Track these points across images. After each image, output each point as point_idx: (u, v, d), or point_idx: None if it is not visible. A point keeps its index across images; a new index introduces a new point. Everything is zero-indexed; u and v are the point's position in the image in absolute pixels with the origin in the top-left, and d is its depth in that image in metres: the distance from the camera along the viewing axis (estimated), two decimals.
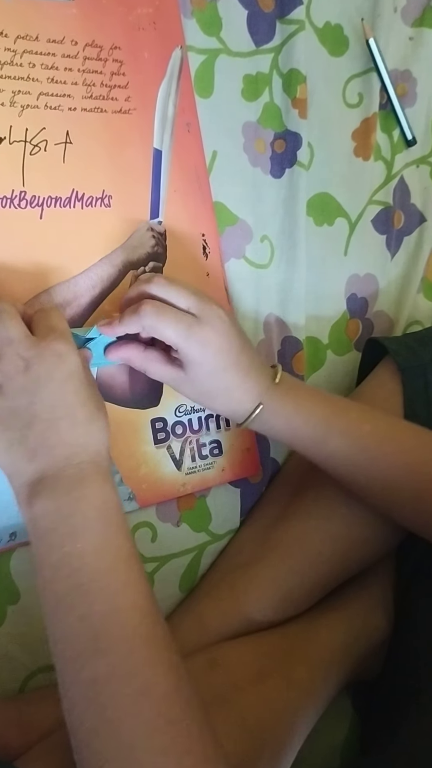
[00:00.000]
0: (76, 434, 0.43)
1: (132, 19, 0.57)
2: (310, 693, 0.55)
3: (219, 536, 0.64)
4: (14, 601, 0.55)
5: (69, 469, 0.43)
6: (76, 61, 0.54)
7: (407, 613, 0.63)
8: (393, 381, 0.61)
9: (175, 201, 0.59)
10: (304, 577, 0.60)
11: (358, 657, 0.60)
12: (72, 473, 0.43)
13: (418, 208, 0.76)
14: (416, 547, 0.61)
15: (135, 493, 0.58)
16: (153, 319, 0.48)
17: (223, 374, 0.51)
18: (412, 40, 0.73)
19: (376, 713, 0.65)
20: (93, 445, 0.44)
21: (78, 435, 0.44)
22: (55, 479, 0.42)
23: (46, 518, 0.42)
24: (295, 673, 0.55)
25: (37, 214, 0.53)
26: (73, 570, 0.41)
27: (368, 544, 0.61)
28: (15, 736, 0.49)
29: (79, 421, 0.44)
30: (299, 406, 0.52)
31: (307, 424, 0.52)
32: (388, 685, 0.62)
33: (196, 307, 0.50)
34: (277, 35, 0.65)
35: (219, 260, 0.62)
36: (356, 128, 0.71)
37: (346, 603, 0.62)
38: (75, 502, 0.42)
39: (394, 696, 0.61)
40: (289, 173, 0.67)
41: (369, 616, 0.63)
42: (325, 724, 0.57)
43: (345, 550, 0.60)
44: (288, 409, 0.52)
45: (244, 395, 0.52)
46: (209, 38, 0.62)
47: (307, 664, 0.56)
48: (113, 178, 0.56)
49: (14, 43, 0.52)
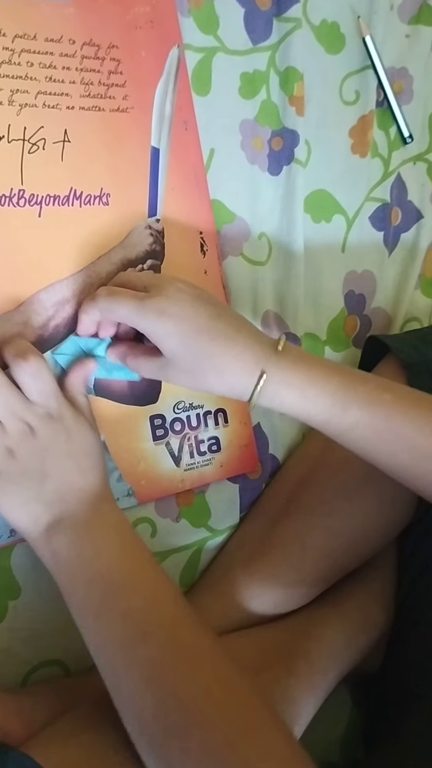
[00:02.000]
0: (86, 480, 0.50)
1: (129, 17, 0.57)
2: (310, 686, 0.55)
3: (218, 532, 0.65)
4: (15, 596, 0.55)
5: (82, 506, 0.49)
6: (73, 60, 0.55)
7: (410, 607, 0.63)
8: (397, 378, 0.59)
9: (173, 199, 0.60)
10: (305, 573, 0.60)
11: (357, 651, 0.61)
12: (86, 509, 0.49)
13: (415, 205, 0.76)
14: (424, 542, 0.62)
15: (134, 489, 0.58)
16: (106, 300, 0.50)
17: (197, 344, 0.47)
18: (409, 38, 0.73)
19: (377, 708, 0.66)
20: (99, 485, 0.50)
21: (86, 480, 0.50)
22: (71, 516, 0.48)
23: (68, 548, 0.47)
24: (295, 666, 0.55)
25: (35, 213, 0.53)
26: (106, 579, 0.46)
27: (369, 540, 0.61)
28: (17, 727, 0.50)
29: (86, 468, 0.50)
30: (312, 376, 0.48)
31: (324, 393, 0.48)
32: (390, 679, 0.63)
33: (149, 283, 0.50)
34: (274, 33, 0.65)
35: (217, 257, 0.62)
36: (353, 125, 0.71)
37: (346, 597, 0.63)
38: (93, 527, 0.48)
39: (396, 691, 0.61)
40: (286, 170, 0.67)
41: (368, 610, 0.63)
42: (325, 718, 0.58)
43: (346, 547, 0.60)
44: (300, 379, 0.48)
45: (239, 366, 0.48)
46: (206, 36, 0.62)
47: (306, 658, 0.56)
48: (111, 176, 0.56)
49: (12, 42, 0.52)
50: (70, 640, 0.57)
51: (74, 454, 0.49)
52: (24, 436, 0.48)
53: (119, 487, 0.58)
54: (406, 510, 0.61)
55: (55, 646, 0.57)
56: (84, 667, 0.58)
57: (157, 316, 0.47)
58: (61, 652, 0.57)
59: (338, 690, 0.61)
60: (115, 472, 0.57)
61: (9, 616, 0.55)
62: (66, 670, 0.58)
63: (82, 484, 0.49)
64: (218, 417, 0.62)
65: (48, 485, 0.48)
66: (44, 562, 0.49)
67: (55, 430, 0.49)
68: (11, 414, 0.47)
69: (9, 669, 0.56)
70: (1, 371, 0.48)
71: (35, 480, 0.48)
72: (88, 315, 0.51)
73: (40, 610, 0.56)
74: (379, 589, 0.64)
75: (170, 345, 0.48)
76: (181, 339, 0.47)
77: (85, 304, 0.51)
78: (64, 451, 0.49)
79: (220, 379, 0.48)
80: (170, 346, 0.48)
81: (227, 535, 0.65)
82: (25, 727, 0.50)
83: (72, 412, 0.50)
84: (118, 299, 0.49)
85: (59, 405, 0.49)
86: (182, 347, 0.48)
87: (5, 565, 0.55)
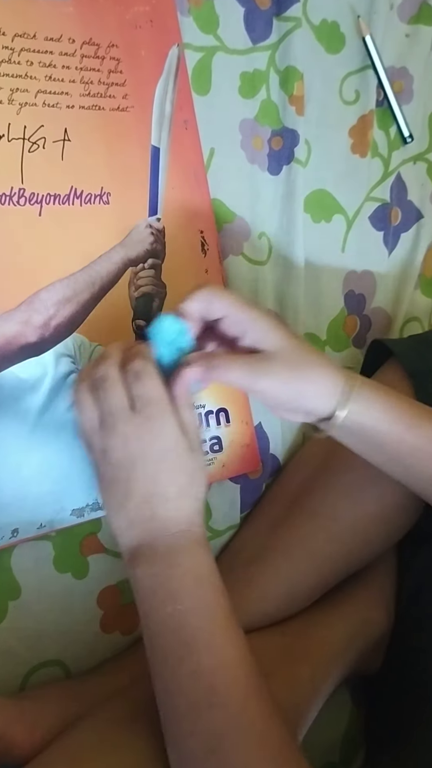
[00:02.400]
0: (168, 509, 0.45)
1: (129, 17, 0.57)
2: (312, 690, 0.55)
3: (219, 532, 0.64)
4: (15, 596, 0.55)
5: (164, 539, 0.45)
6: (73, 59, 0.55)
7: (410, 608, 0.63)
8: (402, 384, 0.59)
9: (174, 198, 0.60)
10: (307, 576, 0.60)
11: (358, 652, 0.60)
12: (166, 543, 0.45)
13: (415, 205, 0.76)
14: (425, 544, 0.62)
15: None
16: (211, 292, 0.46)
17: (300, 341, 0.47)
18: (409, 37, 0.73)
19: (377, 708, 0.66)
20: (185, 517, 0.45)
21: (169, 509, 0.45)
22: (151, 548, 0.45)
23: (146, 581, 0.44)
24: (297, 671, 0.55)
25: (36, 212, 0.53)
26: (177, 627, 0.43)
27: (371, 544, 0.61)
28: (20, 733, 0.49)
29: (171, 497, 0.45)
30: (389, 391, 0.49)
31: (403, 405, 0.48)
32: (392, 680, 0.63)
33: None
34: (273, 32, 0.65)
35: (217, 257, 0.62)
36: (353, 125, 0.71)
37: (346, 599, 0.63)
38: (170, 569, 0.44)
39: (398, 692, 0.61)
40: (286, 170, 0.67)
41: (369, 611, 0.63)
42: (325, 719, 0.58)
43: (348, 551, 0.60)
44: (381, 392, 0.48)
45: (335, 370, 0.47)
46: (206, 36, 0.62)
47: (308, 662, 0.56)
48: (111, 175, 0.56)
49: (12, 41, 0.52)
50: (70, 640, 0.58)
51: (162, 481, 0.45)
52: (116, 445, 0.44)
53: None
54: (409, 515, 0.61)
55: (55, 646, 0.57)
56: (84, 668, 0.58)
57: (265, 311, 0.47)
58: (61, 652, 0.57)
59: (338, 691, 0.61)
60: None
61: (9, 616, 0.55)
62: (66, 670, 0.58)
63: (165, 513, 0.45)
64: (220, 417, 0.62)
65: (131, 501, 0.45)
66: (132, 587, 0.46)
67: (149, 444, 0.44)
68: (112, 414, 0.44)
69: (9, 669, 0.55)
70: (118, 368, 0.46)
71: (121, 491, 0.45)
72: (194, 303, 0.47)
73: (40, 610, 0.56)
74: (380, 590, 0.64)
75: (277, 336, 0.46)
76: (286, 332, 0.47)
77: (195, 292, 0.47)
78: (150, 472, 0.45)
79: (319, 380, 0.47)
80: (277, 337, 0.46)
81: (228, 536, 0.65)
82: (28, 732, 0.49)
83: (177, 428, 0.45)
84: (225, 292, 0.47)
85: (162, 413, 0.45)
86: (288, 341, 0.46)
87: (6, 566, 0.55)
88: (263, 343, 0.46)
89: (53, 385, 0.55)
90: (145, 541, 0.45)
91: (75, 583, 0.58)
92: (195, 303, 0.46)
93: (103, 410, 0.45)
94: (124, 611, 0.59)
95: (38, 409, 0.54)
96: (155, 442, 0.44)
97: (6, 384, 0.53)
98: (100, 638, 0.59)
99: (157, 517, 0.45)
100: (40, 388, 0.54)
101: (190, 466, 0.46)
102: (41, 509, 0.54)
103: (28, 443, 0.54)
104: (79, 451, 0.55)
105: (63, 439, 0.55)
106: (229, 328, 0.47)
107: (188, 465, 0.46)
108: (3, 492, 0.53)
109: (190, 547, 0.45)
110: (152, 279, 0.59)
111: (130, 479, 0.44)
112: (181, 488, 0.45)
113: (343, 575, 0.62)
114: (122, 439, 0.44)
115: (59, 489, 0.55)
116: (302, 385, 0.46)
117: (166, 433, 0.45)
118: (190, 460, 0.46)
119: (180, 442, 0.45)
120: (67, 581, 0.57)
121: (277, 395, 0.46)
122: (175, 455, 0.45)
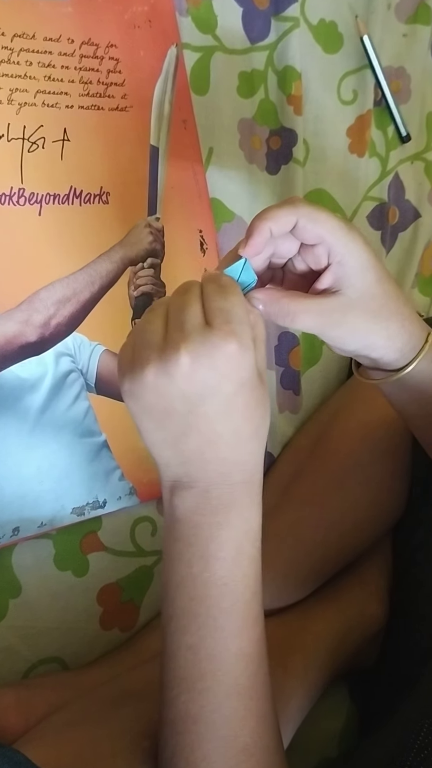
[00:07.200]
0: (237, 452, 0.38)
1: (127, 17, 0.57)
2: (305, 681, 0.56)
3: None
4: (16, 594, 0.55)
5: (221, 487, 0.38)
6: (72, 59, 0.55)
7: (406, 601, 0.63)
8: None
9: (173, 197, 0.60)
10: (299, 565, 0.60)
11: (353, 646, 0.61)
12: (222, 493, 0.38)
13: (412, 204, 0.77)
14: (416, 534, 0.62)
15: (136, 488, 0.58)
16: (309, 207, 0.40)
17: (391, 285, 0.41)
18: (406, 37, 0.73)
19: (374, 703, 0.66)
20: (251, 463, 0.39)
21: (238, 453, 0.38)
22: (203, 494, 0.38)
23: (184, 528, 0.39)
24: (291, 662, 0.55)
25: (35, 211, 0.53)
26: (194, 596, 0.39)
27: (361, 530, 0.62)
28: (14, 720, 0.50)
29: (243, 438, 0.38)
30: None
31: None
32: (387, 674, 0.63)
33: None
34: (272, 32, 0.65)
35: (217, 256, 0.63)
36: (351, 125, 0.71)
37: (341, 592, 0.63)
38: (217, 527, 0.38)
39: (393, 685, 0.62)
40: (284, 170, 0.67)
41: (364, 604, 0.63)
42: (323, 714, 0.58)
43: (338, 537, 0.61)
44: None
45: (412, 325, 0.42)
46: (205, 36, 0.62)
47: (302, 653, 0.57)
48: (111, 175, 0.56)
49: (11, 42, 0.52)
50: (69, 638, 0.58)
51: (235, 419, 0.37)
52: (178, 369, 0.35)
53: (121, 485, 0.58)
54: (397, 500, 0.61)
55: (55, 643, 0.57)
56: (83, 664, 0.59)
57: (365, 243, 0.41)
58: (60, 649, 0.58)
59: (336, 685, 0.61)
60: (117, 471, 0.57)
61: (10, 614, 0.55)
62: (65, 667, 0.58)
63: (232, 457, 0.38)
64: None
65: (191, 440, 0.37)
66: (164, 522, 0.40)
67: (219, 377, 0.36)
68: (183, 325, 0.36)
69: (9, 666, 0.56)
70: (197, 284, 0.39)
71: (178, 426, 0.37)
72: (275, 221, 0.40)
73: (40, 608, 0.56)
74: (375, 583, 0.65)
75: (368, 278, 0.40)
76: (378, 275, 0.41)
77: (279, 207, 0.40)
78: (222, 409, 0.37)
79: (401, 328, 0.42)
80: (368, 279, 0.40)
81: None
82: (23, 720, 0.50)
83: (251, 356, 0.37)
84: (323, 211, 0.40)
85: (240, 342, 0.36)
86: (379, 285, 0.41)
87: (6, 564, 0.55)
88: (350, 286, 0.40)
89: (53, 384, 0.55)
90: (198, 483, 0.38)
91: (75, 580, 0.58)
92: (269, 223, 0.40)
93: (171, 321, 0.37)
94: (123, 608, 0.60)
95: (39, 408, 0.54)
96: (233, 371, 0.36)
97: (6, 383, 0.53)
98: (100, 635, 0.59)
99: (221, 458, 0.38)
100: (40, 387, 0.54)
101: (265, 403, 0.39)
102: (42, 508, 0.54)
103: (28, 442, 0.54)
104: (79, 449, 0.56)
105: (63, 438, 0.55)
106: (307, 258, 0.41)
107: (263, 400, 0.39)
108: (4, 491, 0.53)
109: (244, 503, 0.39)
110: (151, 278, 0.59)
111: (192, 413, 0.36)
112: (255, 428, 0.38)
113: (337, 565, 0.62)
114: (190, 360, 0.35)
115: (60, 488, 0.55)
116: (375, 339, 0.41)
117: (246, 359, 0.36)
118: (264, 396, 0.39)
119: (255, 373, 0.37)
120: (67, 579, 0.57)
121: (345, 345, 0.42)
122: (250, 388, 0.37)
